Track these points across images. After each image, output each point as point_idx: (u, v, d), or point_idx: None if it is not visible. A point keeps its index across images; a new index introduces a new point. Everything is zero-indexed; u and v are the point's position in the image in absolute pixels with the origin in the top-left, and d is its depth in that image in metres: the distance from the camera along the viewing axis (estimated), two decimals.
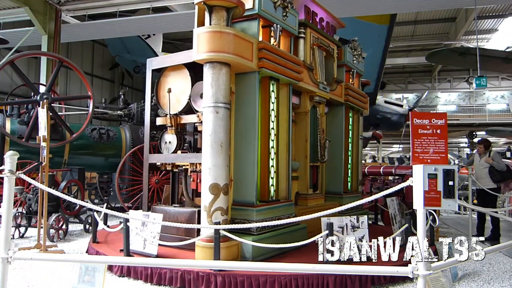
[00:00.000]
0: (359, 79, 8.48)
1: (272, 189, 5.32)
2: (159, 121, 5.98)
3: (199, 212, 5.25)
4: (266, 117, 5.29)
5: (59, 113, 8.61)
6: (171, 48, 23.17)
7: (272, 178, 5.32)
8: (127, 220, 4.79)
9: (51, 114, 6.96)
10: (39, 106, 6.63)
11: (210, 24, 4.72)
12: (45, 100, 6.09)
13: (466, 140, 31.64)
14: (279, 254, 5.13)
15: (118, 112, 11.30)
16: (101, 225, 5.59)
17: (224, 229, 4.27)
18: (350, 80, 7.89)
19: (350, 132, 7.87)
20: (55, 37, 12.01)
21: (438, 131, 6.67)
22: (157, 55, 18.10)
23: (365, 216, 5.30)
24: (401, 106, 16.32)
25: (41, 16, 11.68)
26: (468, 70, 28.76)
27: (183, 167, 5.78)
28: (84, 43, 21.80)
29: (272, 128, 5.35)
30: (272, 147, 5.33)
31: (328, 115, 7.54)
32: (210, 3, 4.68)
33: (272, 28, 5.35)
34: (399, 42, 23.77)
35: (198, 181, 5.42)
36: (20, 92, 14.25)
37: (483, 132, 25.06)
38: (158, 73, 6.16)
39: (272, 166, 5.32)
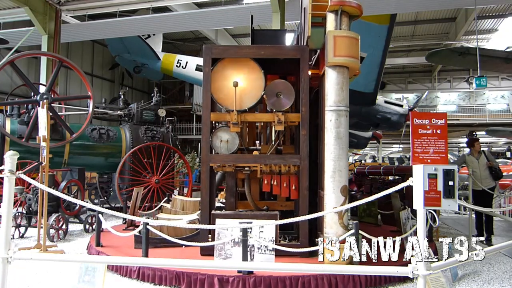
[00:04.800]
0: None
1: None
2: (213, 116, 5.40)
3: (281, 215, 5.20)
4: None
5: (59, 113, 8.62)
6: (171, 48, 23.18)
7: None
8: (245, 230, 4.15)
9: (51, 114, 6.97)
10: (39, 106, 6.64)
11: (339, 28, 4.72)
12: (45, 100, 6.08)
13: (466, 140, 31.54)
14: None
15: (118, 112, 11.29)
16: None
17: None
18: None
19: None
20: (55, 37, 12.02)
21: (438, 131, 6.67)
22: (157, 55, 18.10)
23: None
24: (401, 106, 16.26)
25: (41, 16, 11.68)
26: (468, 70, 28.72)
27: (249, 169, 5.47)
28: (84, 43, 21.82)
29: None
30: None
31: None
32: (345, 9, 4.72)
33: None
34: (399, 42, 23.78)
35: (274, 183, 5.30)
36: (20, 92, 14.27)
37: (483, 132, 25.03)
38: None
39: None
